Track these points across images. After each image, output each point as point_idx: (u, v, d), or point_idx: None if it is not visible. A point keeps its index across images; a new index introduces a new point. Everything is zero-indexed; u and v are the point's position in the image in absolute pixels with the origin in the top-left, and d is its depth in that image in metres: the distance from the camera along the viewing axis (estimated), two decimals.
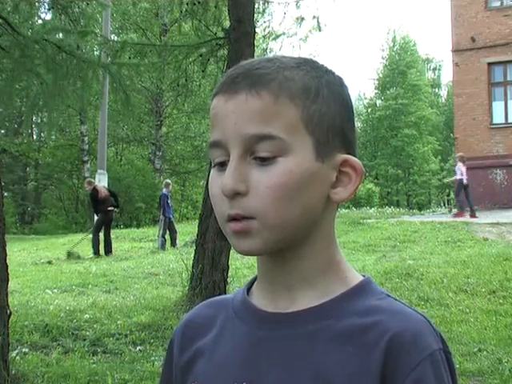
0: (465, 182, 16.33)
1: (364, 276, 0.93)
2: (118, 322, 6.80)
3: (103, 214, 14.17)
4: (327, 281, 0.90)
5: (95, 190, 14.34)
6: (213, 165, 0.89)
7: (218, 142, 0.87)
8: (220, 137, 0.87)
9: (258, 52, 26.57)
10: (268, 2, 26.07)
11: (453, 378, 0.86)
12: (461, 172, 16.45)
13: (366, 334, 0.85)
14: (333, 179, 0.88)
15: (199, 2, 8.33)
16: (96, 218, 14.91)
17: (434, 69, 56.71)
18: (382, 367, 0.83)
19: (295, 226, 0.86)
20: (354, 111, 0.94)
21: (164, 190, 15.63)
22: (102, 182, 19.71)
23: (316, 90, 0.88)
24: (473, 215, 16.15)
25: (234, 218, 0.86)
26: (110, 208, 14.34)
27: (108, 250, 14.08)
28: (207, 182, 7.61)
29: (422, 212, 25.14)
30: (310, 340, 0.87)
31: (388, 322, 0.85)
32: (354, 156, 0.91)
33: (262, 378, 0.87)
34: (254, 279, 0.97)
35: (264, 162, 0.85)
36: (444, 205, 35.93)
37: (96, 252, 13.84)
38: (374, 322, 0.86)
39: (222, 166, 0.87)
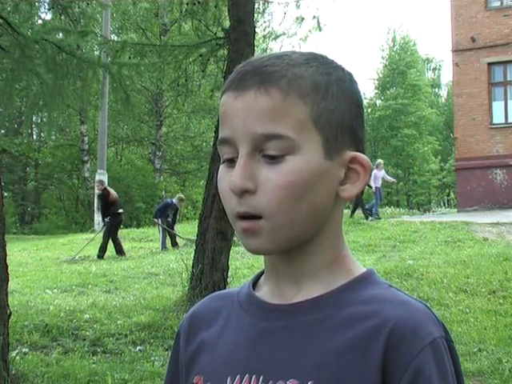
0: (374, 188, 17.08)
1: (368, 269, 0.93)
2: (118, 322, 6.81)
3: (113, 217, 14.02)
4: (332, 274, 0.90)
5: (106, 191, 14.25)
6: (222, 161, 0.89)
7: (227, 139, 0.87)
8: (229, 134, 0.87)
9: (258, 52, 26.51)
10: (268, 2, 26.06)
11: (455, 365, 0.86)
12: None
13: (367, 322, 0.85)
14: (341, 176, 0.88)
15: (199, 2, 8.33)
16: (97, 218, 14.87)
17: (434, 69, 56.69)
18: (384, 355, 0.83)
19: (304, 224, 0.86)
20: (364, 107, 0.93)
21: (174, 201, 15.78)
22: None
23: (326, 87, 0.87)
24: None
25: (243, 216, 0.86)
26: (120, 211, 14.26)
27: (119, 251, 13.97)
28: (207, 182, 7.61)
29: (421, 212, 25.20)
30: (311, 329, 0.87)
31: (389, 311, 0.85)
32: (363, 152, 0.90)
33: (265, 368, 0.87)
34: (261, 273, 0.97)
35: (273, 160, 0.84)
36: (444, 204, 35.96)
37: (101, 256, 13.63)
38: (376, 310, 0.85)
39: (231, 162, 0.87)
